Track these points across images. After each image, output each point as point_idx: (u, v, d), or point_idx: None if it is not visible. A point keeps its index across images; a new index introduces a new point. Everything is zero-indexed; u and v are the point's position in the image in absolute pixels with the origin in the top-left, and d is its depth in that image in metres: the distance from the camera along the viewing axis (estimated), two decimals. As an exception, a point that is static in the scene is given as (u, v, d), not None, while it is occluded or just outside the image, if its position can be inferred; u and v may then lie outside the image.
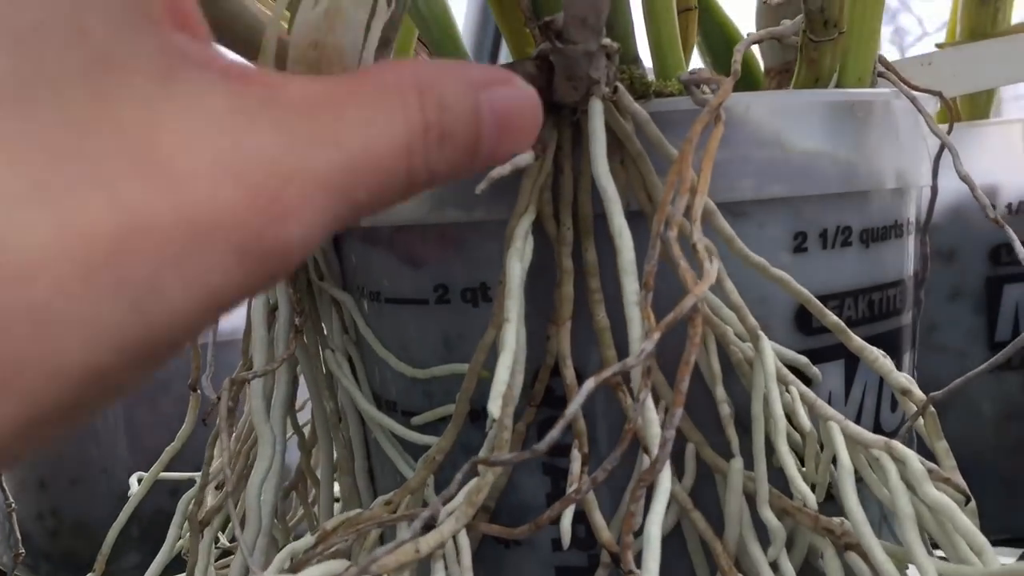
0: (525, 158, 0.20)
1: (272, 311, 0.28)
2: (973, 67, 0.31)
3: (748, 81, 0.36)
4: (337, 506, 0.29)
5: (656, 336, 0.18)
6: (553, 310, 0.24)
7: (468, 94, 0.16)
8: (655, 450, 0.20)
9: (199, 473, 0.33)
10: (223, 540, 0.32)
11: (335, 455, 0.28)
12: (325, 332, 0.28)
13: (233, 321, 0.44)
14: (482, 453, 0.23)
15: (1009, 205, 0.41)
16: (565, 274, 0.23)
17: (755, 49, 0.39)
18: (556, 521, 0.22)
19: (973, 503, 0.22)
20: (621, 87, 0.22)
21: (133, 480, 0.34)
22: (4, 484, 0.39)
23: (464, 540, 0.21)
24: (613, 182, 0.21)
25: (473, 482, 0.22)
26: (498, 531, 0.21)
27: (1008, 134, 0.41)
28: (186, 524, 0.30)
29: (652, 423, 0.20)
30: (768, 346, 0.22)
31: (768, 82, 0.39)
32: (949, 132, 0.33)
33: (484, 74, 0.17)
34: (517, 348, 0.21)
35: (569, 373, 0.23)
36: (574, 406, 0.18)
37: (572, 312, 0.23)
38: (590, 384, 0.18)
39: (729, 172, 0.23)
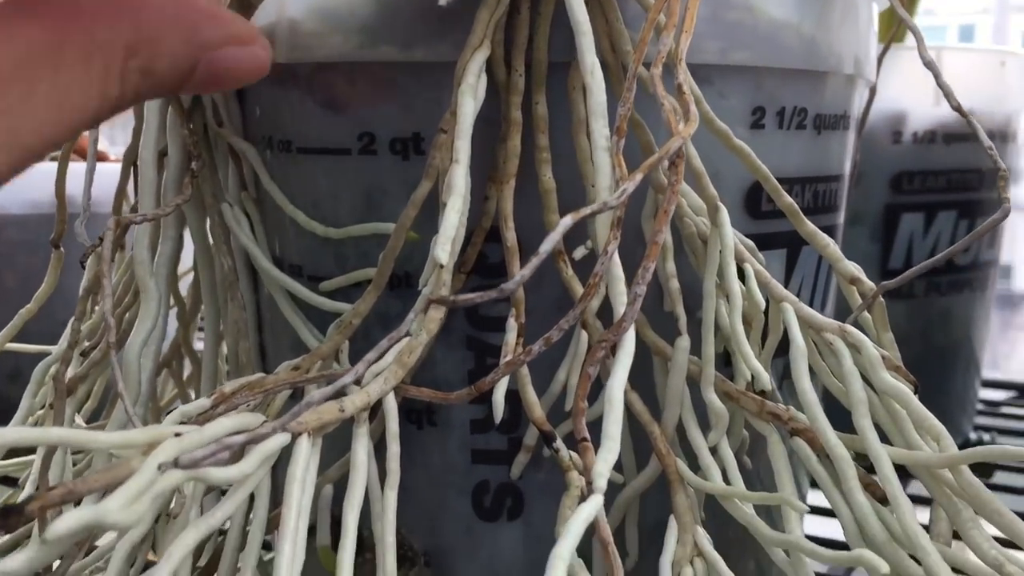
0: (495, -30, 0.18)
1: (162, 155, 0.24)
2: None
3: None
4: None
5: (638, 178, 0.16)
6: (494, 167, 0.22)
7: (188, 56, 0.17)
8: (622, 308, 0.18)
9: (52, 347, 0.30)
10: (79, 419, 0.29)
11: (225, 322, 0.25)
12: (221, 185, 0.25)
13: (94, 191, 0.40)
14: (411, 313, 0.20)
15: (915, 133, 0.41)
16: (513, 126, 0.21)
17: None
18: (478, 400, 0.20)
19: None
20: (602, -89, 0.19)
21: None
22: None
23: (392, 403, 0.19)
24: (586, 17, 0.19)
25: (404, 342, 0.19)
26: (430, 395, 0.19)
27: (918, 62, 0.41)
28: (40, 394, 0.27)
29: (618, 279, 0.18)
30: (727, 219, 0.21)
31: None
32: (896, 31, 0.32)
33: (219, 33, 0.18)
34: (466, 193, 0.19)
35: (511, 236, 0.21)
36: (550, 243, 0.16)
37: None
38: (567, 221, 0.16)
39: (696, 31, 0.21)
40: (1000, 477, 0.46)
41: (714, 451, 0.21)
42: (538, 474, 0.23)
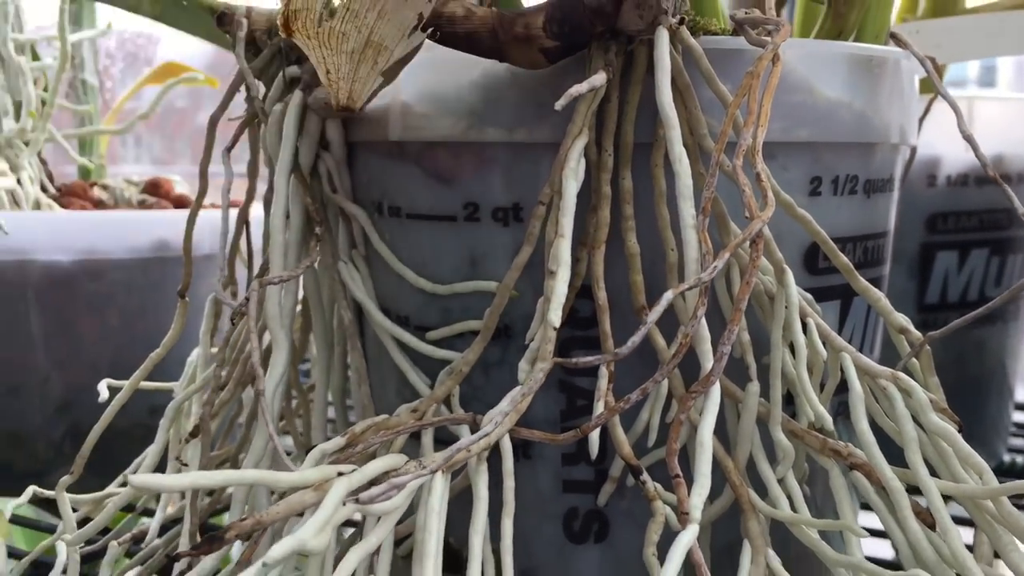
0: (600, 78, 0.21)
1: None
2: (955, 39, 0.34)
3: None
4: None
5: (726, 256, 0.20)
6: (585, 233, 0.25)
7: None
8: (709, 363, 0.21)
9: (175, 384, 0.33)
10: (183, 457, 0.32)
11: (342, 367, 0.28)
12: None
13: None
14: (522, 364, 0.23)
15: (948, 176, 0.44)
16: (603, 199, 0.24)
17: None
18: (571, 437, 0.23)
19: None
20: (685, 20, 0.22)
21: (103, 387, 0.33)
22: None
23: (507, 445, 0.22)
24: (675, 110, 0.22)
25: (517, 390, 0.22)
26: (540, 436, 0.22)
27: (951, 111, 0.44)
28: (162, 437, 0.30)
29: (704, 339, 0.21)
30: (792, 280, 0.24)
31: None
32: (935, 98, 0.35)
33: None
34: (569, 263, 0.22)
35: (602, 295, 0.24)
36: (651, 320, 0.19)
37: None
38: (669, 295, 0.19)
39: (762, 113, 0.24)
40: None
41: (782, 483, 0.24)
42: (622, 502, 0.26)
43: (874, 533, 0.28)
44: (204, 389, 0.29)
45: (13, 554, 0.34)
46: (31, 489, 0.33)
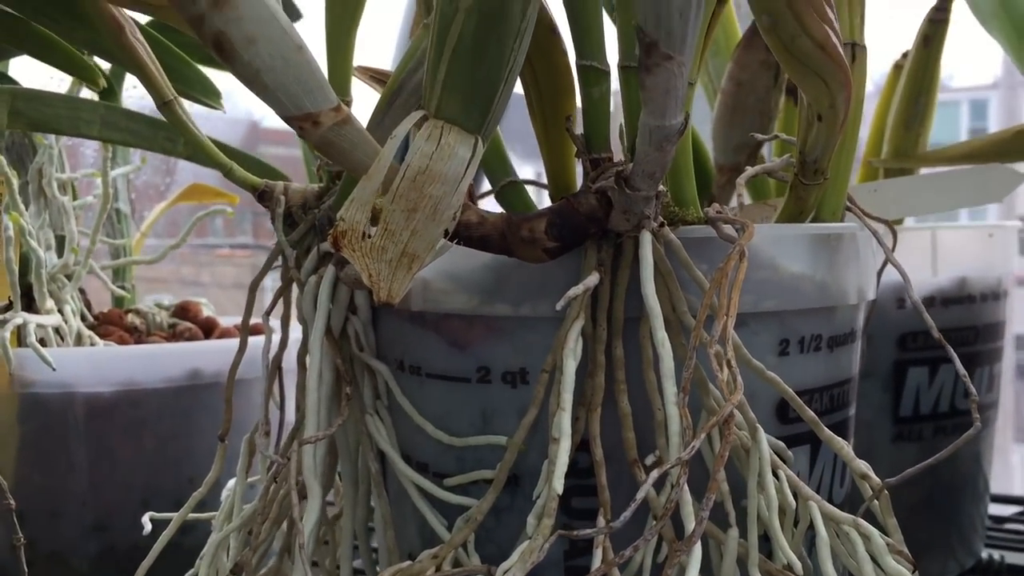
0: (593, 279, 0.25)
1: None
2: (909, 196, 0.37)
3: (701, 175, 0.42)
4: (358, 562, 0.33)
5: (702, 436, 0.23)
6: (583, 395, 0.28)
7: None
8: (692, 525, 0.24)
9: (213, 514, 0.36)
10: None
11: (378, 510, 0.32)
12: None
13: (216, 364, 0.47)
14: (530, 519, 0.27)
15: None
16: (598, 367, 0.28)
17: (708, 147, 0.45)
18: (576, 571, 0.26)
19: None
20: (664, 217, 0.26)
21: (146, 519, 0.37)
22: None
23: (518, 593, 0.25)
24: (658, 302, 0.26)
25: (526, 544, 0.26)
26: (547, 586, 0.25)
27: (917, 240, 0.48)
28: (207, 567, 0.33)
29: (687, 503, 0.25)
30: (764, 438, 0.27)
31: (719, 177, 0.44)
32: (886, 263, 0.39)
33: None
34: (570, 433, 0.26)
35: (598, 451, 0.28)
36: (640, 497, 0.22)
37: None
38: (654, 475, 0.22)
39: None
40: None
41: (760, 617, 0.27)
42: (620, 631, 0.29)
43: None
44: (244, 527, 0.32)
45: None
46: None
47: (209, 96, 0.41)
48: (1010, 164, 0.39)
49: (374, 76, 0.43)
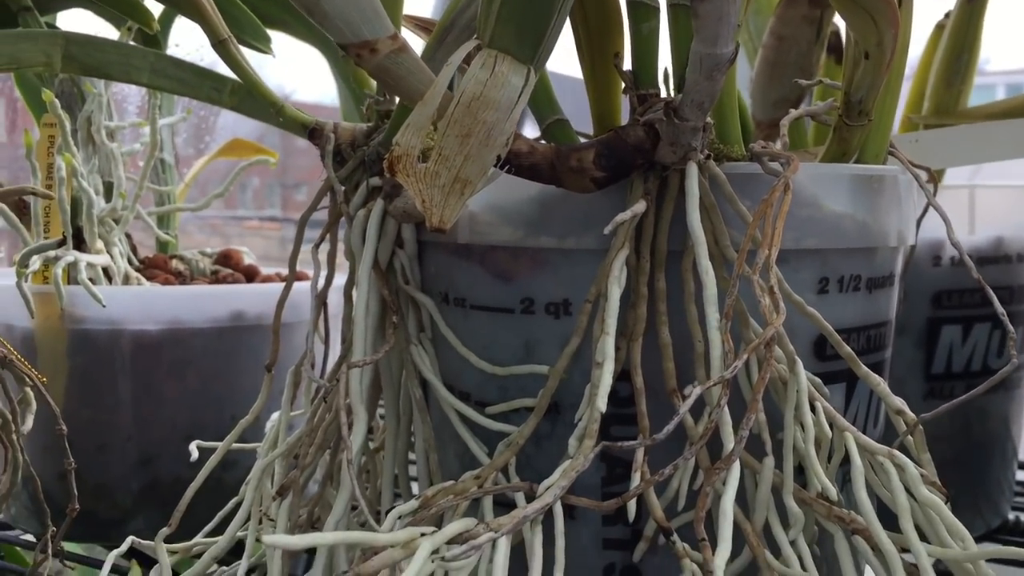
0: (640, 206, 0.26)
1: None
2: (950, 147, 0.38)
3: (741, 130, 0.42)
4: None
5: (745, 357, 0.24)
6: (625, 326, 0.29)
7: None
8: (731, 444, 0.25)
9: (257, 445, 0.37)
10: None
11: (421, 436, 0.33)
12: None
13: (259, 307, 0.48)
14: (572, 440, 0.27)
15: (952, 258, 0.48)
16: (641, 298, 0.29)
17: (747, 102, 0.45)
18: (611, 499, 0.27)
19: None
20: (710, 154, 0.27)
21: (193, 447, 0.38)
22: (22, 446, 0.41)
23: (559, 509, 0.26)
24: (702, 229, 0.26)
25: (568, 461, 0.26)
26: (588, 503, 0.26)
27: (955, 198, 0.48)
28: (251, 495, 0.34)
29: (727, 423, 0.25)
30: (802, 369, 0.28)
31: (758, 133, 0.45)
32: (927, 207, 0.39)
33: None
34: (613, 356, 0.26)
35: (639, 379, 0.28)
36: (683, 410, 0.23)
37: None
38: (698, 391, 0.23)
39: (776, 225, 0.29)
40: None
41: (793, 545, 0.28)
42: (654, 558, 0.30)
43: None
44: (288, 454, 0.33)
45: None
46: (130, 539, 0.37)
47: (260, 40, 0.42)
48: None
49: (419, 24, 0.44)
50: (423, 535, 0.24)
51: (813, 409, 0.29)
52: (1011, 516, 0.54)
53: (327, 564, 0.30)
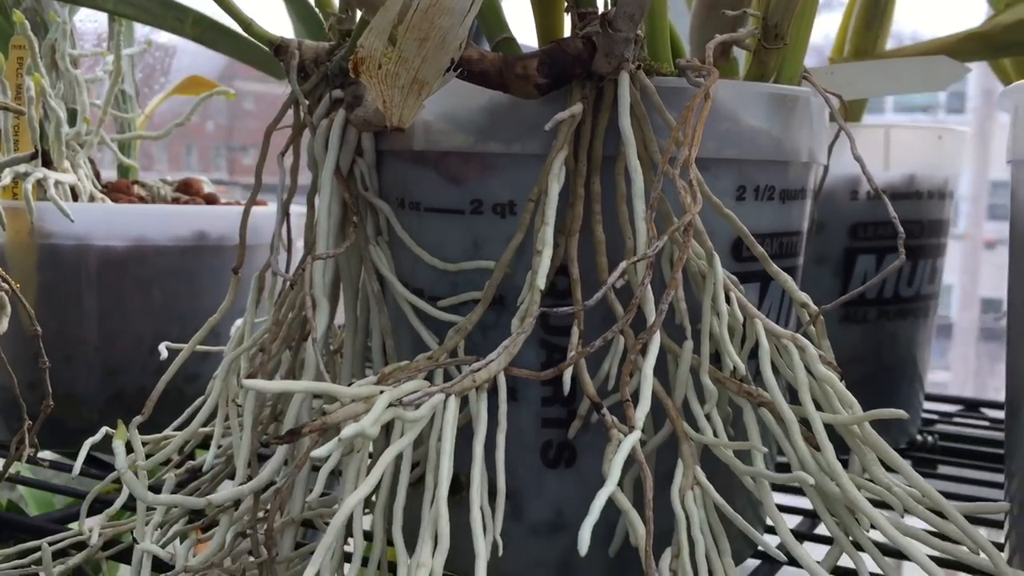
0: (578, 108, 0.29)
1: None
2: (863, 79, 0.41)
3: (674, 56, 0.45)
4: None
5: (664, 239, 0.27)
6: (563, 224, 0.32)
7: None
8: (653, 317, 0.28)
9: (222, 348, 0.40)
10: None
11: (378, 326, 0.36)
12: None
13: (221, 228, 0.51)
14: (514, 321, 0.31)
15: (868, 192, 0.52)
16: (578, 199, 0.32)
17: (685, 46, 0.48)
18: (548, 383, 0.30)
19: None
20: (642, 65, 0.30)
21: (162, 348, 0.41)
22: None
23: (503, 379, 0.29)
24: (632, 132, 0.30)
25: (510, 338, 0.30)
26: (526, 373, 0.30)
27: (871, 136, 0.52)
28: (218, 387, 0.37)
29: (650, 301, 0.29)
30: (719, 263, 0.32)
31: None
32: (840, 131, 0.43)
33: None
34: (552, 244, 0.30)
35: (575, 271, 0.32)
36: (612, 280, 0.26)
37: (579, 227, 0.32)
38: (623, 265, 0.26)
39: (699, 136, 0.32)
40: (943, 469, 0.57)
41: (708, 417, 0.31)
42: (587, 435, 0.34)
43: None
44: (253, 351, 0.36)
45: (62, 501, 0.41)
46: (90, 441, 0.39)
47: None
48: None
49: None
50: (382, 392, 0.27)
51: (728, 300, 0.32)
52: (919, 437, 0.59)
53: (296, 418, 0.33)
